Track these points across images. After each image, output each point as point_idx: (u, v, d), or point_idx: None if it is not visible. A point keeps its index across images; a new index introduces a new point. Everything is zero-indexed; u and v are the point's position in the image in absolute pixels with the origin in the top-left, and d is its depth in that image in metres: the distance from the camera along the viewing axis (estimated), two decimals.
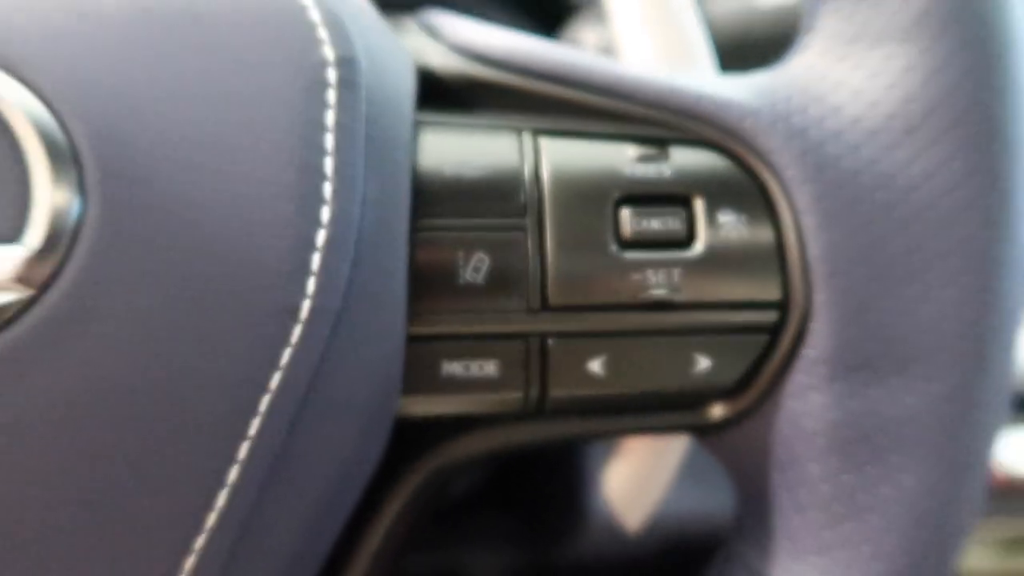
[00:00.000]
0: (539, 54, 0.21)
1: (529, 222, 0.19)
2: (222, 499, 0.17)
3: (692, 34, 0.26)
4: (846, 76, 0.20)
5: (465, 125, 0.20)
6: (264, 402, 0.17)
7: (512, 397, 0.20)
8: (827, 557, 0.20)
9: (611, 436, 0.22)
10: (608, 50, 0.33)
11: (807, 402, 0.20)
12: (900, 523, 0.19)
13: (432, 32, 0.22)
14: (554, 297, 0.19)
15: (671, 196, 0.20)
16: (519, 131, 0.20)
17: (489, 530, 0.51)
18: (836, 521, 0.20)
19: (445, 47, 0.22)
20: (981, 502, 0.21)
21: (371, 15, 0.20)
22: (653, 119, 0.20)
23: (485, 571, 0.52)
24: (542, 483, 0.45)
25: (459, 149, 0.20)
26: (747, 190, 0.20)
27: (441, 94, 0.21)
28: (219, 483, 0.17)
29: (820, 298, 0.19)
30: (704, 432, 0.22)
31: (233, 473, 0.17)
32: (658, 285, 0.20)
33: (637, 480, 0.28)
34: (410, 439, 0.21)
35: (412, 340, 0.19)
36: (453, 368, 0.19)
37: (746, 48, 0.31)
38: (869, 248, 0.19)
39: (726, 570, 0.22)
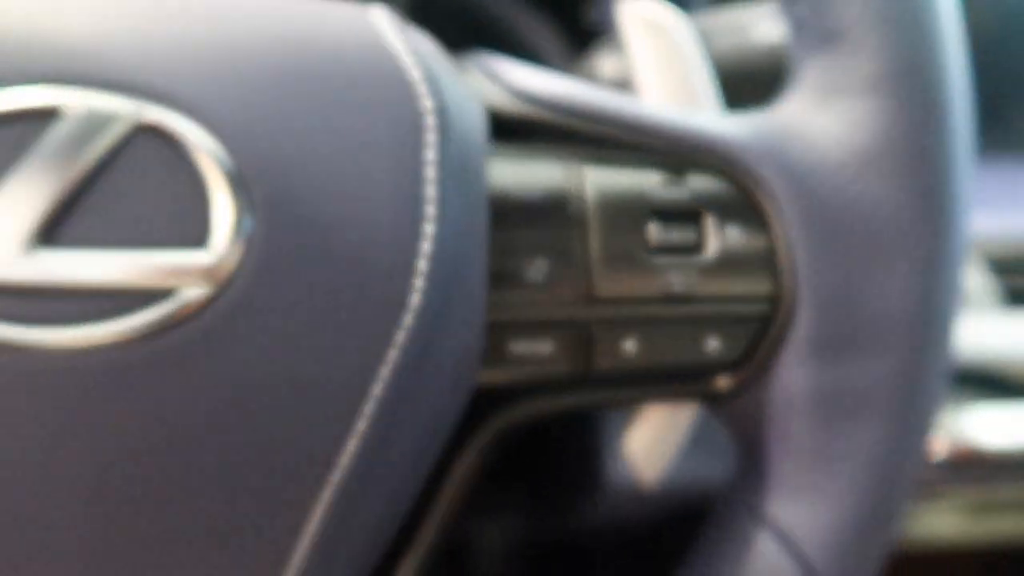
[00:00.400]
0: (582, 97, 0.26)
1: (577, 233, 0.25)
2: (345, 456, 0.22)
3: (699, 74, 0.32)
4: (822, 120, 0.25)
5: (523, 156, 0.26)
6: (384, 372, 0.22)
7: (563, 370, 0.25)
8: (810, 494, 0.25)
9: (637, 403, 0.28)
10: (624, 82, 0.39)
11: (794, 373, 0.25)
12: (865, 469, 0.25)
13: (491, 76, 0.28)
14: (598, 292, 0.25)
15: (688, 213, 0.25)
16: (567, 160, 0.26)
17: (497, 502, 0.56)
18: (816, 467, 0.25)
19: (504, 90, 0.27)
20: (925, 456, 0.26)
21: (450, 69, 0.26)
22: (673, 151, 0.26)
23: (494, 543, 0.57)
24: (555, 455, 0.51)
25: (520, 175, 0.25)
26: (747, 208, 0.26)
27: (501, 128, 0.27)
28: (346, 436, 0.22)
29: (803, 292, 0.25)
30: (711, 400, 0.27)
31: (359, 428, 0.22)
32: (678, 282, 0.25)
33: (653, 444, 0.33)
34: (478, 406, 0.27)
35: (487, 325, 0.24)
36: (517, 347, 0.25)
37: (743, 79, 0.36)
38: (840, 254, 0.25)
39: (728, 511, 0.27)
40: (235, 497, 0.22)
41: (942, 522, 0.55)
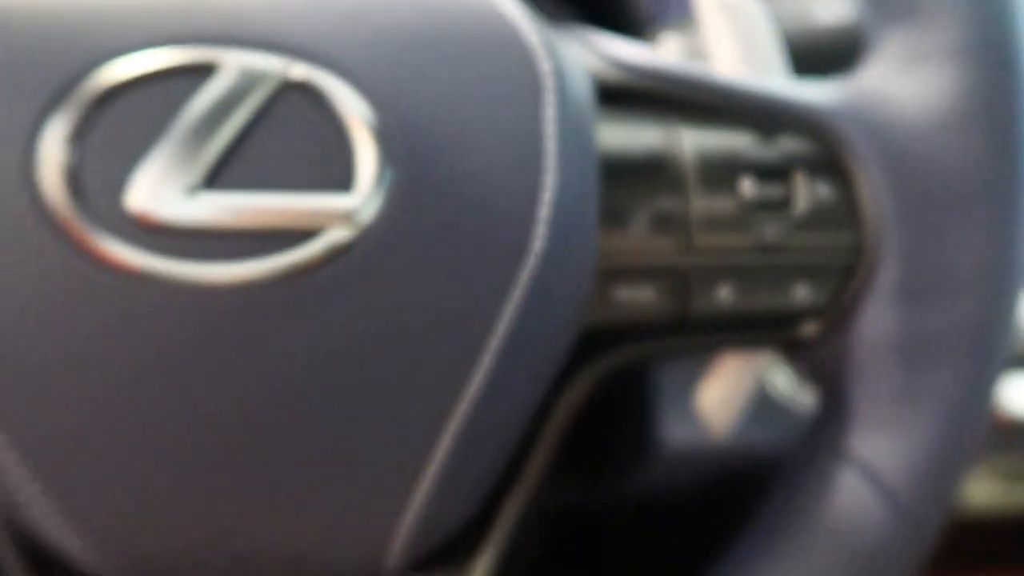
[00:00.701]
0: (675, 66, 0.29)
1: (677, 189, 0.27)
2: (472, 389, 0.24)
3: (773, 49, 0.34)
4: (903, 85, 0.28)
5: (624, 119, 0.28)
6: (508, 310, 0.24)
7: (662, 315, 0.28)
8: (893, 429, 0.27)
9: (727, 348, 0.30)
10: (693, 55, 0.41)
11: (878, 319, 0.27)
12: (945, 406, 0.27)
13: (589, 47, 0.30)
14: (696, 242, 0.27)
15: (778, 170, 0.28)
16: (665, 123, 0.28)
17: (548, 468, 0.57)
18: (899, 405, 0.27)
19: (601, 59, 0.29)
20: (995, 402, 0.28)
21: (558, 37, 0.28)
22: (764, 115, 0.28)
23: (540, 510, 0.59)
24: (607, 420, 0.52)
25: (623, 137, 0.27)
26: (834, 166, 0.28)
27: (601, 94, 0.29)
28: (474, 370, 0.24)
29: (887, 243, 0.27)
30: (795, 347, 0.29)
31: (486, 362, 0.24)
32: (770, 234, 0.27)
33: (724, 399, 0.35)
34: (581, 349, 0.29)
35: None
36: (620, 293, 0.27)
37: (806, 56, 0.39)
38: (922, 207, 0.27)
39: (809, 449, 0.30)
40: (371, 424, 0.24)
41: (977, 489, 0.57)
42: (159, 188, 0.22)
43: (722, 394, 0.35)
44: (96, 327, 0.22)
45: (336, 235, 0.22)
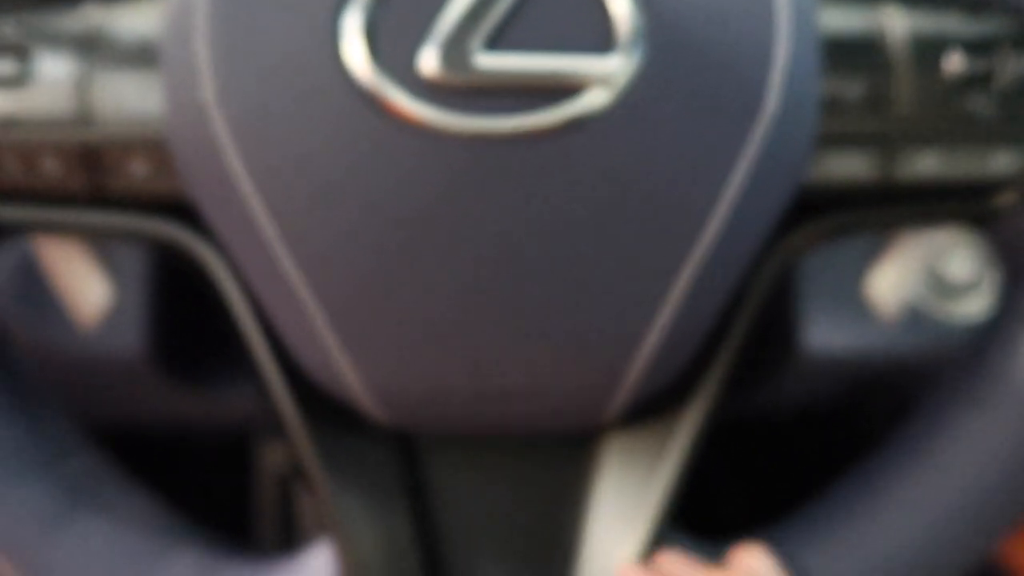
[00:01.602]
0: None
1: (888, 62, 0.29)
2: (708, 235, 0.26)
3: None
4: None
5: (838, 3, 0.30)
6: (743, 164, 0.26)
7: (869, 181, 0.30)
8: None
9: (926, 221, 0.32)
10: None
11: None
12: None
13: None
14: (904, 111, 0.29)
15: (985, 45, 0.29)
16: (877, 5, 0.30)
17: None
18: None
19: None
20: None
21: None
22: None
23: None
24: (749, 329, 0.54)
25: (838, 18, 0.30)
26: None
27: None
28: (711, 217, 0.26)
29: None
30: (990, 219, 0.31)
31: (721, 211, 0.26)
32: (974, 105, 0.29)
33: (899, 281, 0.37)
34: (796, 209, 0.31)
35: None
36: (832, 159, 0.29)
37: None
38: None
39: (998, 317, 0.32)
40: (612, 271, 0.26)
41: None
42: (447, 51, 0.24)
43: (895, 278, 0.38)
44: (389, 179, 0.25)
45: (595, 96, 0.25)
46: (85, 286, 0.34)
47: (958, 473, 0.31)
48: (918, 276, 0.37)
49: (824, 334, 0.50)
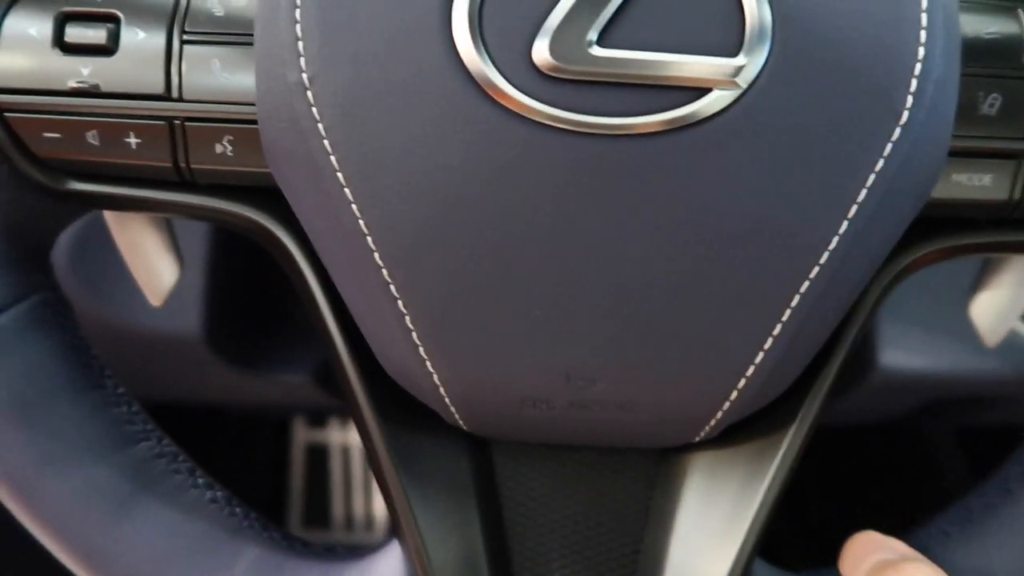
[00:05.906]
0: None
1: None
2: (837, 239, 0.24)
3: None
4: None
5: (977, 10, 0.28)
6: (876, 167, 0.24)
7: (996, 200, 0.28)
8: None
9: None
10: None
11: None
12: None
13: None
14: None
15: None
16: (1018, 11, 0.28)
17: None
18: None
19: None
20: None
21: None
22: None
23: None
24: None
25: (977, 24, 0.27)
26: None
27: None
28: (840, 221, 0.24)
29: None
30: None
31: (851, 215, 0.24)
32: None
33: (1003, 308, 0.35)
34: (918, 225, 0.29)
35: None
36: (960, 174, 0.28)
37: None
38: None
39: None
40: (724, 282, 0.25)
41: None
42: (560, 42, 0.23)
43: (999, 304, 0.36)
44: (492, 171, 0.24)
45: (721, 94, 0.23)
46: (158, 264, 0.33)
47: None
48: (1018, 310, 0.35)
49: (895, 353, 0.49)
